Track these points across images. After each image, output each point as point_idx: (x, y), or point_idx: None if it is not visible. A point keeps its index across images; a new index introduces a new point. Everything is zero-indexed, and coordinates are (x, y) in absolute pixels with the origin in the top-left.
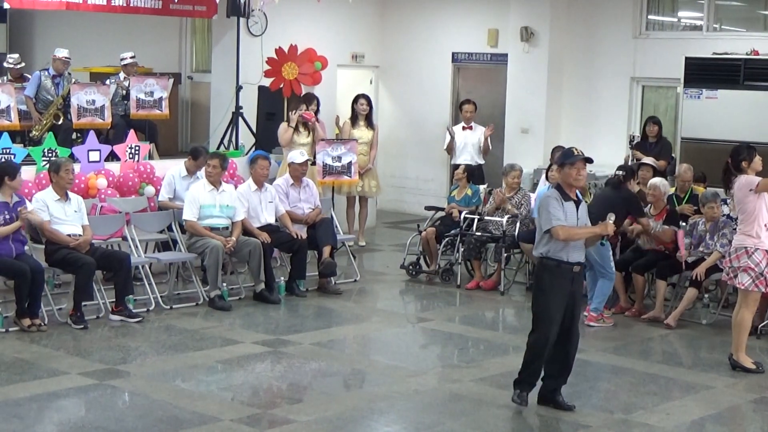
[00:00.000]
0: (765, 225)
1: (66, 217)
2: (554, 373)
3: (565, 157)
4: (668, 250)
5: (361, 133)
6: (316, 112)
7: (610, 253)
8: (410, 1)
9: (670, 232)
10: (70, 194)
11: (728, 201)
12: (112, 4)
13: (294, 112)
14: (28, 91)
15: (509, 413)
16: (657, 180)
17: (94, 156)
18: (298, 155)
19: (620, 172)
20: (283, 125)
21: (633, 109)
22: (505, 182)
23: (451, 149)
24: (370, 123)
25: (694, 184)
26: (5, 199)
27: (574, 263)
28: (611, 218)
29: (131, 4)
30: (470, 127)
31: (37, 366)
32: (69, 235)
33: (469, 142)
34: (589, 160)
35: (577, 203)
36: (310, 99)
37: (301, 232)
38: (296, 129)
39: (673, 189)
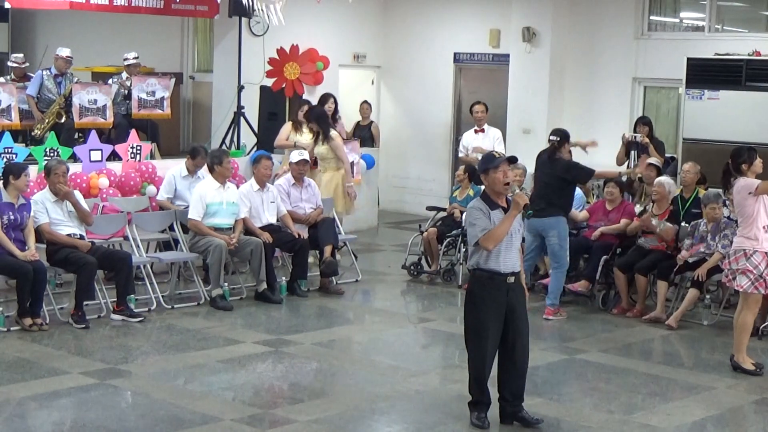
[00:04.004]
0: (764, 227)
1: (65, 218)
2: (507, 396)
3: (486, 163)
4: (670, 250)
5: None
6: (335, 112)
7: (567, 244)
8: (412, 1)
9: (672, 231)
10: None
11: (726, 202)
12: (114, 3)
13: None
14: (30, 90)
15: None
16: (663, 178)
17: (96, 155)
18: (296, 155)
19: (554, 138)
20: (287, 127)
21: (635, 109)
22: None
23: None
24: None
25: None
26: (10, 200)
27: (507, 273)
28: (515, 190)
29: (133, 4)
30: (482, 130)
31: (39, 365)
32: (69, 235)
33: (483, 146)
34: (513, 160)
35: (506, 210)
36: (326, 98)
37: (302, 232)
38: (299, 129)
39: (679, 190)
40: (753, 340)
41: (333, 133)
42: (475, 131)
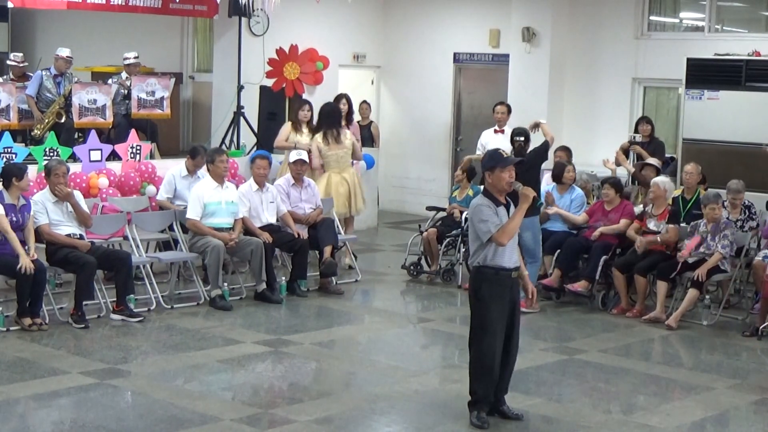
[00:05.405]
0: None
1: (64, 218)
2: (501, 388)
3: (496, 161)
4: (670, 250)
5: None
6: (349, 112)
7: (540, 238)
8: (412, 1)
9: (675, 231)
10: None
11: (725, 203)
12: (111, 3)
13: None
14: (30, 90)
15: None
16: (659, 178)
17: (96, 155)
18: (294, 155)
19: (520, 138)
20: (286, 127)
21: (634, 109)
22: None
23: None
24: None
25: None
26: (12, 201)
27: (512, 269)
28: (518, 186)
29: (130, 3)
30: (502, 131)
31: (38, 365)
32: (68, 235)
33: (503, 147)
34: (522, 162)
35: (508, 206)
36: (338, 99)
37: (302, 232)
38: (298, 129)
39: (680, 190)
40: (752, 340)
41: (344, 132)
42: (495, 131)
